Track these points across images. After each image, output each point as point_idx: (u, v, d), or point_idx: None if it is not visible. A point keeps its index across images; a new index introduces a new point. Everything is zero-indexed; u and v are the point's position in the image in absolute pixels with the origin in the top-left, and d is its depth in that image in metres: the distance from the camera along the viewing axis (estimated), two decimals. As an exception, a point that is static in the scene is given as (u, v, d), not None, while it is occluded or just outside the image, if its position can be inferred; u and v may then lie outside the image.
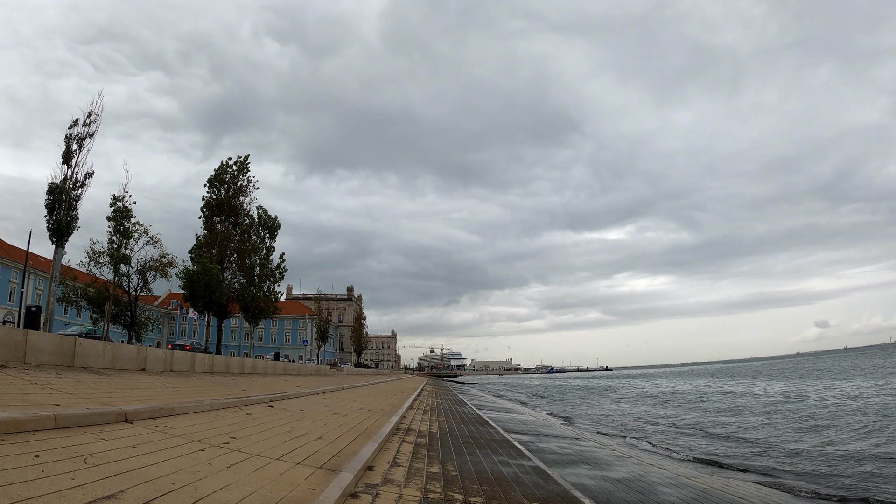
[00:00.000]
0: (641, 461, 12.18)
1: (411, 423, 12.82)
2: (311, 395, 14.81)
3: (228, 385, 13.00)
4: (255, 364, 20.59)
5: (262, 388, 14.02)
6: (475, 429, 13.91)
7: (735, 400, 34.59)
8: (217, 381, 13.75)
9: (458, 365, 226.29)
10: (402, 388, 30.54)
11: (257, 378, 17.55)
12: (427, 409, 18.55)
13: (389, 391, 24.96)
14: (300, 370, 28.98)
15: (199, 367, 15.53)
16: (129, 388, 9.20)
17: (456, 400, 28.99)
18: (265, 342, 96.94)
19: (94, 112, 21.43)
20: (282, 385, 16.47)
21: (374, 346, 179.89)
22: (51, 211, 20.27)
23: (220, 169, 38.56)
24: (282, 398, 12.33)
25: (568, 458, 10.95)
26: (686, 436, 18.97)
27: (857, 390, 34.30)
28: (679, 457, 14.42)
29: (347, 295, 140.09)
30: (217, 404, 9.17)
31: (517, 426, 17.45)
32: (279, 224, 40.45)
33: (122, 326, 32.48)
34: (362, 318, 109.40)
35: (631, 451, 14.53)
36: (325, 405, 12.69)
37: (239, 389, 12.13)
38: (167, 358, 13.77)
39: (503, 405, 31.16)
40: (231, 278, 38.09)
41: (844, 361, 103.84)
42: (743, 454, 14.90)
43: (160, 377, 12.09)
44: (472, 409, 22.90)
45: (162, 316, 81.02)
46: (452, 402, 25.97)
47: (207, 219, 37.57)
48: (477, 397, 39.45)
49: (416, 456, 8.09)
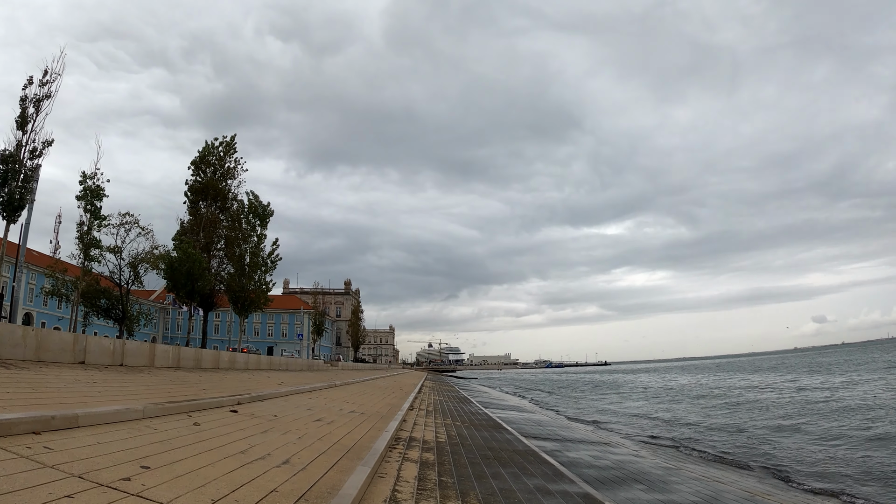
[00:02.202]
0: (698, 475, 9.91)
1: (413, 429, 10.50)
2: (294, 394, 12.48)
3: (188, 383, 10.68)
4: (233, 358, 18.23)
5: (235, 386, 11.70)
6: (489, 435, 11.61)
7: (760, 395, 32.27)
8: (177, 377, 11.43)
9: (456, 360, 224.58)
10: (400, 385, 28.25)
11: (233, 375, 15.22)
12: (430, 409, 16.26)
13: (387, 388, 22.66)
14: (289, 365, 26.62)
15: (161, 362, 13.18)
16: (32, 388, 6.86)
17: (459, 397, 26.71)
18: (261, 337, 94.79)
19: (52, 71, 18.97)
20: (261, 383, 14.14)
21: (373, 340, 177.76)
22: (2, 183, 17.84)
23: (205, 150, 36.11)
24: (254, 399, 9.99)
25: (612, 475, 8.66)
26: (723, 440, 16.68)
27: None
28: (731, 465, 12.18)
29: (345, 289, 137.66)
30: (154, 410, 6.84)
31: (534, 429, 15.17)
32: (271, 211, 37.90)
33: (113, 321, 30.78)
34: (360, 312, 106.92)
35: (673, 459, 12.26)
36: (308, 408, 10.36)
37: (198, 389, 9.80)
38: (116, 349, 11.42)
39: (510, 402, 28.92)
40: (218, 267, 35.74)
41: (853, 356, 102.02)
42: (825, 466, 12.63)
43: (100, 373, 9.77)
44: (479, 408, 20.63)
45: (157, 311, 78.72)
46: (456, 401, 23.70)
47: (192, 203, 35.16)
48: (480, 393, 37.22)
49: (423, 485, 5.76)
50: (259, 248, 35.86)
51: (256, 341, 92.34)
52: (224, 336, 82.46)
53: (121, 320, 29.85)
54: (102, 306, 30.40)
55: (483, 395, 34.85)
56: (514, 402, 29.55)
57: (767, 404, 26.75)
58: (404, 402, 15.37)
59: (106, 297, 30.80)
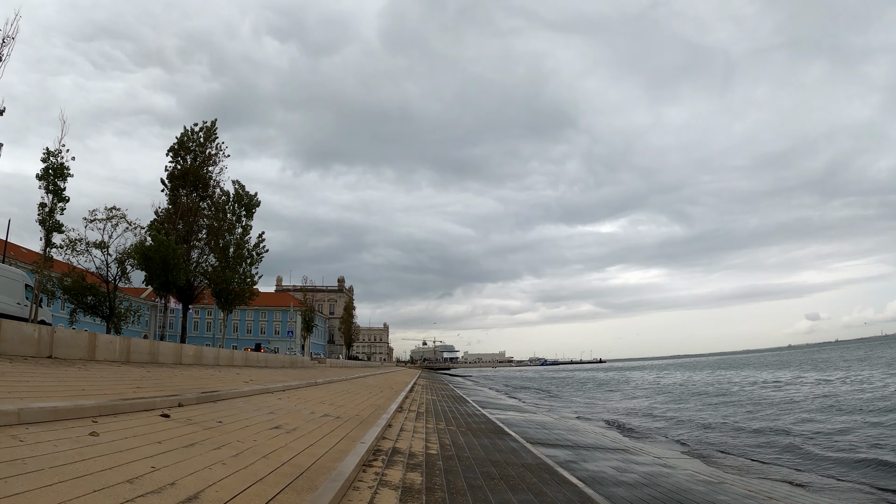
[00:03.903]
0: (745, 489, 8.13)
1: (399, 436, 8.66)
2: (260, 394, 10.58)
3: (124, 380, 8.77)
4: (199, 353, 16.25)
5: (185, 384, 9.80)
6: (491, 443, 9.78)
7: (782, 391, 30.57)
8: (117, 372, 9.53)
9: (450, 357, 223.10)
10: (391, 383, 26.37)
11: (194, 371, 13.30)
12: (421, 410, 14.40)
13: (375, 387, 20.78)
14: (268, 362, 24.64)
15: (104, 355, 11.22)
16: None
17: (454, 396, 24.89)
18: (254, 334, 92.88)
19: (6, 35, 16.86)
20: (224, 380, 12.22)
21: (366, 338, 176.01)
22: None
23: (184, 135, 34.00)
24: (203, 400, 8.11)
25: (647, 496, 6.86)
26: (755, 442, 14.87)
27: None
28: (768, 474, 10.40)
29: (338, 286, 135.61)
30: (40, 415, 4.97)
31: (540, 433, 13.35)
32: (258, 201, 35.96)
33: (100, 318, 29.46)
34: (352, 309, 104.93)
35: (707, 467, 10.47)
36: (270, 411, 8.48)
37: (132, 386, 7.90)
38: (44, 338, 9.45)
39: (508, 402, 27.12)
40: (199, 258, 33.71)
41: (852, 352, 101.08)
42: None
43: (10, 364, 7.86)
44: (476, 408, 18.81)
45: (149, 309, 76.69)
46: (451, 400, 21.87)
47: (171, 191, 33.08)
48: (476, 392, 35.41)
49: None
50: (244, 241, 33.92)
51: (248, 339, 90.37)
52: (218, 334, 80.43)
53: (108, 317, 28.42)
54: (89, 303, 29.34)
55: (479, 394, 33.06)
56: (511, 402, 27.76)
57: (795, 401, 24.95)
58: (392, 402, 13.51)
59: (92, 294, 29.97)
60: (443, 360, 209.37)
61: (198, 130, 34.29)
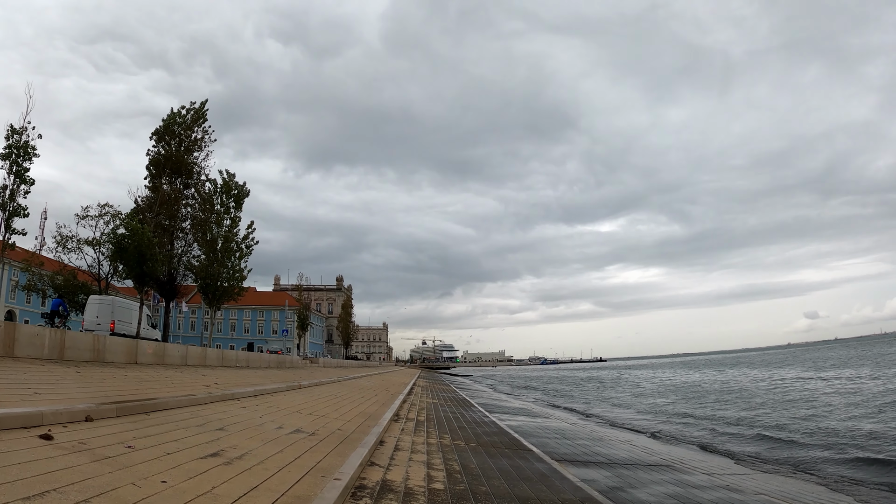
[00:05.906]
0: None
1: (392, 459, 6.54)
2: (220, 401, 8.44)
3: (25, 382, 6.64)
4: (162, 350, 14.03)
5: (126, 386, 7.67)
6: (511, 465, 7.66)
7: (808, 387, 28.37)
8: (24, 371, 7.39)
9: (450, 357, 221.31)
10: (388, 385, 24.23)
11: (148, 372, 11.14)
12: (421, 417, 12.28)
13: (370, 389, 18.65)
14: (249, 361, 22.45)
15: (28, 351, 9.04)
16: None
17: (457, 399, 22.77)
18: (251, 333, 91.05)
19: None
20: (179, 384, 10.07)
21: (366, 338, 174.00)
22: None
23: (170, 118, 31.77)
24: (130, 411, 5.98)
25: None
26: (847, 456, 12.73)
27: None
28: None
29: (337, 285, 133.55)
30: None
31: (563, 445, 11.23)
32: (248, 191, 33.75)
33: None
34: (350, 308, 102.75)
35: (785, 486, 8.37)
36: (221, 426, 6.36)
37: (30, 391, 5.78)
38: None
39: (516, 405, 25.01)
40: (182, 250, 31.55)
41: (851, 351, 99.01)
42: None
43: None
44: (484, 413, 16.69)
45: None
46: (454, 404, 19.76)
47: (153, 178, 30.87)
48: (480, 394, 33.29)
49: None
50: (233, 233, 31.76)
51: (243, 339, 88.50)
52: (218, 333, 78.64)
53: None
54: (80, 301, 28.49)
55: (483, 396, 30.94)
56: (519, 404, 25.65)
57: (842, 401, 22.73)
58: (387, 409, 11.39)
59: (84, 292, 29.38)
60: (442, 360, 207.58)
61: (185, 113, 32.11)
